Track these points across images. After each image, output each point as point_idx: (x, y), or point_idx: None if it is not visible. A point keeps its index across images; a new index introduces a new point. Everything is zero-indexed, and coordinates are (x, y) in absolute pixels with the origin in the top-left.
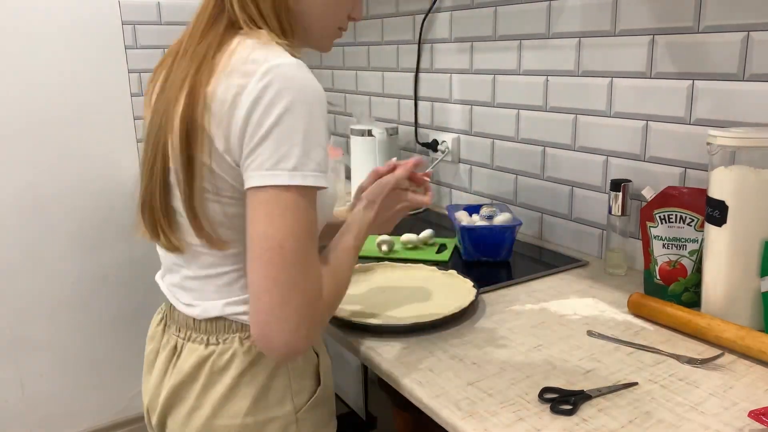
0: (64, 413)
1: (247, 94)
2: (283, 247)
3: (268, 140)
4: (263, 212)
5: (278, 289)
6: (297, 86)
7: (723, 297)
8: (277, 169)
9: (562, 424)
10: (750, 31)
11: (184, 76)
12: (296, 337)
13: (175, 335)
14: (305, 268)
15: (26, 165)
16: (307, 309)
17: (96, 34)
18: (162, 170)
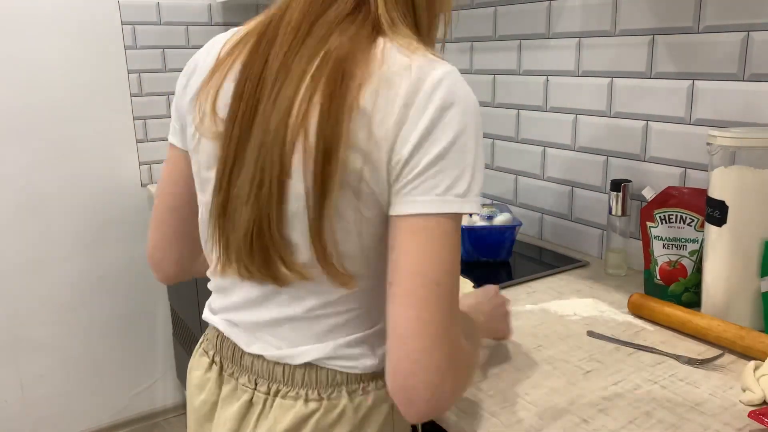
0: (64, 414)
1: (417, 109)
2: (439, 285)
3: (442, 162)
4: (421, 243)
5: (429, 334)
6: (469, 101)
7: (723, 297)
8: (449, 195)
9: (562, 423)
10: (750, 31)
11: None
12: (441, 390)
13: (248, 389)
14: (454, 315)
15: (26, 165)
16: (455, 358)
17: (96, 34)
18: (278, 193)
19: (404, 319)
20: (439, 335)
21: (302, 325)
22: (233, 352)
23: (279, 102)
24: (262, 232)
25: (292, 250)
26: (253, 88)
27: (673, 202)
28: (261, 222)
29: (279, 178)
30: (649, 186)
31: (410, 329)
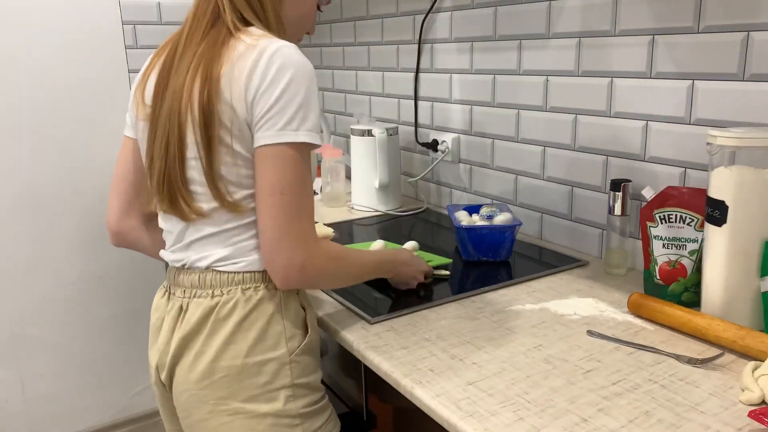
0: (64, 413)
1: (259, 71)
2: (283, 194)
3: (277, 106)
4: (270, 165)
5: (278, 226)
6: (297, 63)
7: (723, 297)
8: (286, 130)
9: (561, 423)
10: (750, 31)
11: (194, 67)
12: (292, 264)
13: (179, 298)
14: (301, 212)
15: (26, 165)
16: (303, 243)
17: (96, 34)
18: (178, 149)
19: (262, 218)
20: (286, 226)
21: (208, 241)
22: (174, 276)
23: (175, 89)
24: (170, 182)
25: (192, 195)
26: (164, 80)
27: (673, 202)
28: (169, 174)
29: (179, 141)
30: (649, 186)
31: (266, 225)
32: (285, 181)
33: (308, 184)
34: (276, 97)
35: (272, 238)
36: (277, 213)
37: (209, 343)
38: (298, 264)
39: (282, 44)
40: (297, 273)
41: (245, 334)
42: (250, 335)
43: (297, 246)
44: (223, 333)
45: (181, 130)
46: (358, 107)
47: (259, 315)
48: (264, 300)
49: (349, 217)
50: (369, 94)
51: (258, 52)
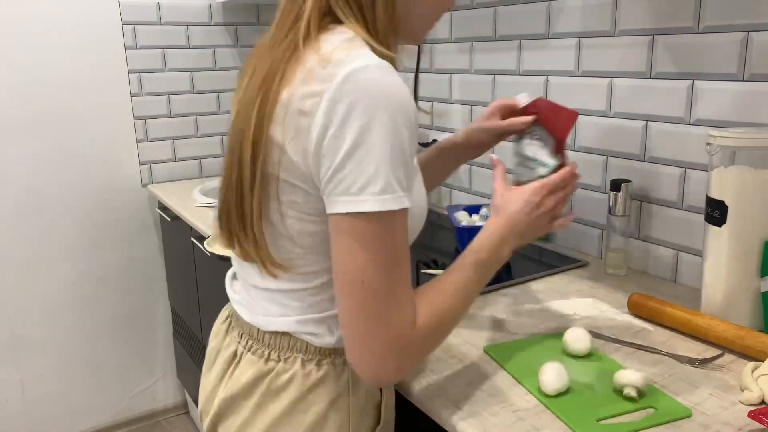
0: (64, 413)
1: (323, 107)
2: (363, 282)
3: (353, 160)
4: (346, 243)
5: (362, 324)
6: (378, 95)
7: (723, 297)
8: (364, 194)
9: (561, 425)
10: (750, 31)
11: (263, 75)
12: (384, 371)
13: (236, 340)
14: (389, 301)
15: (26, 165)
16: (395, 342)
17: (96, 34)
18: (239, 179)
19: (341, 310)
20: (370, 325)
21: (267, 294)
22: (235, 310)
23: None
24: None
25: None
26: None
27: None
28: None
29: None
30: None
31: (346, 320)
32: (364, 266)
33: (399, 258)
34: (353, 144)
35: (354, 338)
36: (358, 309)
37: (257, 417)
38: (392, 369)
39: (362, 64)
40: (393, 376)
41: (300, 417)
42: (306, 420)
43: (387, 349)
44: (274, 411)
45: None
46: None
47: (318, 397)
48: (327, 379)
49: None
50: None
51: (328, 75)
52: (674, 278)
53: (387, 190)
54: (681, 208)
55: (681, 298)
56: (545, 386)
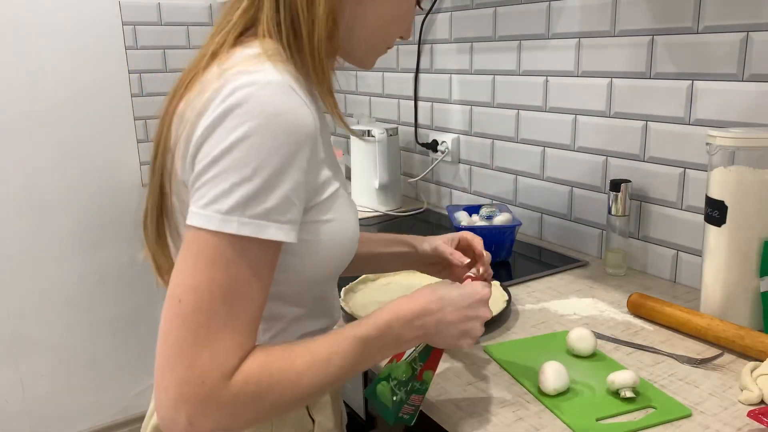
0: (64, 413)
1: (206, 116)
2: (180, 302)
3: (211, 172)
4: (184, 255)
5: (165, 351)
6: (266, 111)
7: (722, 297)
8: (209, 209)
9: (561, 424)
10: (750, 31)
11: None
12: (172, 418)
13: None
14: (200, 337)
15: (26, 165)
16: (193, 388)
17: (96, 35)
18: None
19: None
20: (172, 356)
21: None
22: None
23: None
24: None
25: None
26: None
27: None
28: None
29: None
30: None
31: (159, 339)
32: (187, 286)
33: (234, 294)
34: (215, 156)
35: (157, 365)
36: (166, 330)
37: None
38: (183, 420)
39: (252, 79)
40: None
41: None
42: None
43: (182, 392)
44: None
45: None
46: (358, 108)
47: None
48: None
49: None
50: (369, 95)
51: (218, 88)
52: (674, 278)
53: (236, 211)
54: (681, 208)
55: (681, 298)
56: (545, 386)
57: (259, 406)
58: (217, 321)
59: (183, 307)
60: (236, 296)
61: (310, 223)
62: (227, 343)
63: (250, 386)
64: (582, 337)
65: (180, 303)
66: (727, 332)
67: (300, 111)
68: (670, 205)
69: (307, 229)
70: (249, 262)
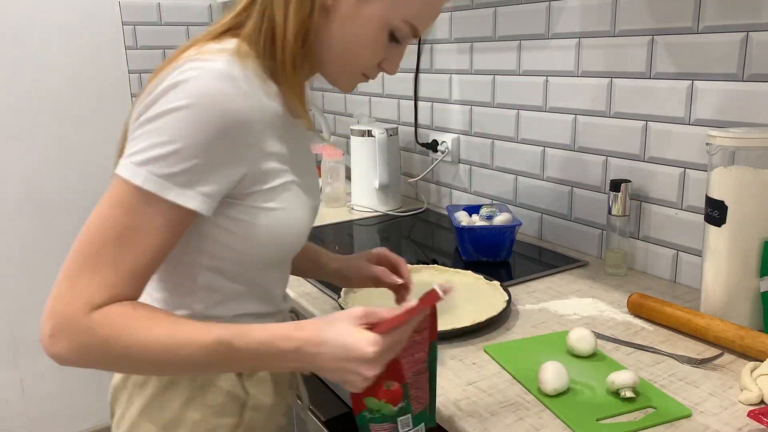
0: (64, 413)
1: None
2: (82, 232)
3: (140, 131)
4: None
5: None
6: (201, 92)
7: (722, 297)
8: (127, 159)
9: (561, 424)
10: (750, 31)
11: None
12: (42, 326)
13: None
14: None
15: (26, 165)
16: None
17: (96, 35)
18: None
19: None
20: (61, 274)
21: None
22: None
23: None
24: None
25: None
26: None
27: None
28: None
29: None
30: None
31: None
32: (95, 217)
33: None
34: (147, 118)
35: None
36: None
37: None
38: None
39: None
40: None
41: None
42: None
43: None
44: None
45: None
46: (358, 108)
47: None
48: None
49: (348, 217)
50: (369, 95)
51: (173, 67)
52: (674, 278)
53: (145, 166)
54: (681, 208)
55: (681, 298)
56: (545, 386)
57: (106, 350)
58: (103, 257)
59: (81, 236)
60: (127, 242)
61: (248, 206)
62: (103, 279)
63: (104, 327)
64: (582, 337)
65: (81, 233)
66: (727, 332)
67: (234, 99)
68: (670, 205)
69: (245, 211)
70: (148, 216)
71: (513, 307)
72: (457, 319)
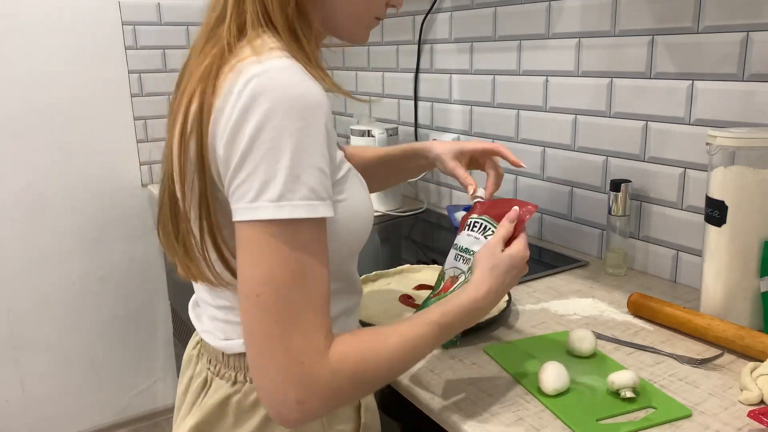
0: (64, 413)
1: (228, 110)
2: (258, 297)
3: (247, 165)
4: (245, 252)
5: (258, 345)
6: (288, 94)
7: (722, 297)
8: (260, 200)
9: (561, 424)
10: (750, 31)
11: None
12: (284, 403)
13: (206, 367)
14: (288, 323)
15: (26, 165)
16: (295, 369)
17: (96, 34)
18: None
19: (242, 327)
20: (266, 348)
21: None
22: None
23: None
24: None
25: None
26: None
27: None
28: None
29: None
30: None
31: (245, 338)
32: (261, 280)
33: (306, 276)
34: (246, 148)
35: (253, 361)
36: (254, 326)
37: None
38: (294, 402)
39: (263, 67)
40: (296, 413)
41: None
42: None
43: (286, 376)
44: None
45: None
46: (358, 108)
47: None
48: None
49: None
50: (369, 95)
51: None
52: (674, 278)
53: (285, 196)
54: (681, 208)
55: (681, 298)
56: (545, 386)
57: (357, 383)
58: (298, 304)
59: (262, 300)
60: (307, 278)
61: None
62: (312, 323)
63: (346, 365)
64: (582, 337)
65: (258, 297)
66: (727, 332)
67: (316, 90)
68: (670, 205)
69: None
70: (307, 243)
71: (513, 307)
72: None
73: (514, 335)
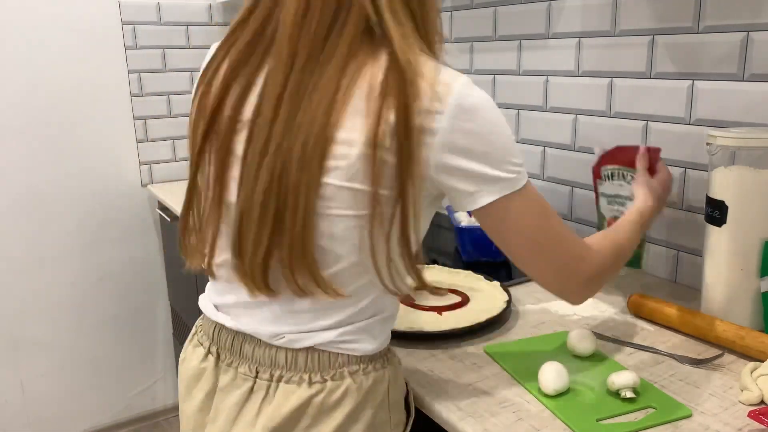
0: (64, 413)
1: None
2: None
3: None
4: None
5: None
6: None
7: (723, 297)
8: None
9: (561, 424)
10: (750, 31)
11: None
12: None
13: (249, 376)
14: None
15: (26, 165)
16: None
17: (96, 34)
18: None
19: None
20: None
21: (306, 317)
22: (231, 343)
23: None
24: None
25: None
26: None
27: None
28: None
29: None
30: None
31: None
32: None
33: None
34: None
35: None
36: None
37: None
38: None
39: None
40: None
41: (355, 427)
42: (360, 428)
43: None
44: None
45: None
46: None
47: (369, 403)
48: (375, 384)
49: None
50: None
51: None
52: (674, 278)
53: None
54: (681, 208)
55: (681, 298)
56: (545, 386)
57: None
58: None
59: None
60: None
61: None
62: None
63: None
64: (582, 337)
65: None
66: (727, 332)
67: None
68: (670, 205)
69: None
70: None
71: (513, 308)
72: (456, 320)
73: (514, 335)
